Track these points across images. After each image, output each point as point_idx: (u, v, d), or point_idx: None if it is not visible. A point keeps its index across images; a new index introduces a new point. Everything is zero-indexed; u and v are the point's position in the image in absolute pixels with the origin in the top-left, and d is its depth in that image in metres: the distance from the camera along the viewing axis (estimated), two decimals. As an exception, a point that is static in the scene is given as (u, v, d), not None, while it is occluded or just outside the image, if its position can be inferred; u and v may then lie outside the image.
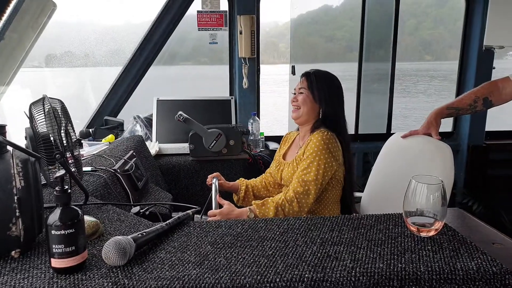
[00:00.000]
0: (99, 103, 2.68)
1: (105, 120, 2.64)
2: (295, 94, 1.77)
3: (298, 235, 1.00)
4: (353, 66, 3.11)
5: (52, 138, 1.23)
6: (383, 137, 2.08)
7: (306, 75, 1.75)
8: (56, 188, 0.84)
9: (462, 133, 3.15)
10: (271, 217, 1.55)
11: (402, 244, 0.93)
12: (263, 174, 1.97)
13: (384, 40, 3.12)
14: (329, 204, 1.74)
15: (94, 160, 1.79)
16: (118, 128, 2.57)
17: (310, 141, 1.63)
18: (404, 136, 1.93)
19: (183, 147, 2.47)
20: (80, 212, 0.86)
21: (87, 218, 1.05)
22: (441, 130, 3.22)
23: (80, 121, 2.68)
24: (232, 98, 2.68)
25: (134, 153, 2.00)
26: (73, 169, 1.29)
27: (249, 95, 2.77)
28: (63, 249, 0.82)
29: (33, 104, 1.25)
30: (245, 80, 2.70)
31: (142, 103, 2.90)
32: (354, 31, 3.06)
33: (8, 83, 1.60)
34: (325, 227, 1.04)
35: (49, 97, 1.26)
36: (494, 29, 2.37)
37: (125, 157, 1.87)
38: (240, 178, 1.95)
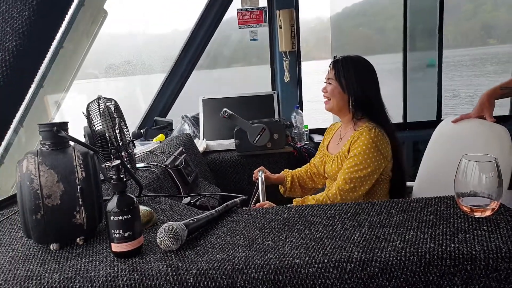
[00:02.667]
0: (148, 105, 2.81)
1: (155, 120, 2.76)
2: (325, 83, 1.73)
3: (346, 219, 1.00)
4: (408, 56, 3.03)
5: (107, 135, 1.32)
6: (433, 124, 2.00)
7: (334, 64, 1.69)
8: (113, 177, 0.90)
9: (521, 116, 2.94)
10: None
11: (455, 225, 0.90)
12: (308, 163, 1.97)
13: (432, 28, 3.00)
14: (377, 198, 1.69)
15: (146, 157, 1.89)
16: (167, 128, 2.68)
17: (357, 139, 1.58)
18: (455, 121, 1.84)
19: (229, 143, 2.52)
20: (135, 200, 0.92)
21: (141, 207, 1.12)
22: (496, 113, 3.04)
23: (132, 123, 2.82)
24: (274, 92, 2.70)
25: (183, 150, 2.08)
26: (128, 165, 1.37)
27: (291, 89, 2.78)
28: (122, 233, 0.88)
29: (90, 104, 1.35)
30: (286, 74, 2.71)
31: (191, 103, 2.99)
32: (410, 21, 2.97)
33: (67, 90, 1.73)
34: (373, 211, 1.03)
35: (104, 97, 1.35)
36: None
37: (175, 154, 1.95)
38: (285, 169, 1.96)
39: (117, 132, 1.35)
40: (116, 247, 0.89)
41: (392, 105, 2.96)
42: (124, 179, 0.91)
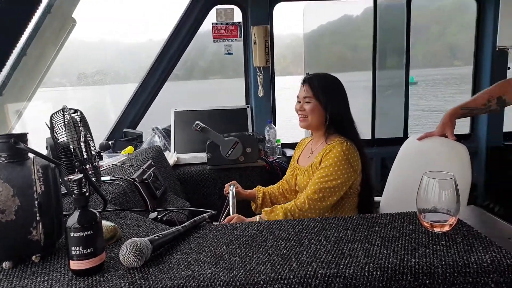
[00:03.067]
0: (118, 116, 2.75)
1: (124, 132, 2.71)
2: (299, 102, 1.74)
3: (313, 234, 1.01)
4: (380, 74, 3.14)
5: (71, 147, 1.28)
6: (400, 141, 2.06)
7: (309, 82, 1.71)
8: (75, 191, 0.87)
9: (480, 135, 3.09)
10: None
11: (416, 240, 0.92)
12: (280, 181, 1.98)
13: (400, 47, 3.13)
14: (345, 212, 1.72)
15: (113, 170, 1.84)
16: (137, 140, 2.63)
17: (329, 151, 1.62)
18: (420, 138, 1.91)
19: (201, 157, 2.50)
20: (98, 215, 0.89)
21: (105, 222, 1.09)
22: (458, 132, 3.18)
23: (101, 134, 2.76)
24: (248, 106, 2.72)
25: (152, 163, 2.04)
26: (92, 178, 1.34)
27: (265, 103, 2.80)
28: (82, 250, 0.85)
29: (54, 114, 1.31)
30: (260, 88, 2.73)
31: (163, 115, 2.96)
32: (380, 40, 3.07)
33: (29, 99, 1.67)
34: (339, 226, 1.04)
35: (69, 108, 1.31)
36: (507, 28, 2.33)
37: (144, 167, 1.92)
38: (258, 186, 1.96)
39: (82, 144, 1.32)
40: (75, 264, 0.85)
41: (364, 121, 3.05)
42: (87, 193, 0.88)
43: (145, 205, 1.71)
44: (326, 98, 1.68)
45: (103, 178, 1.67)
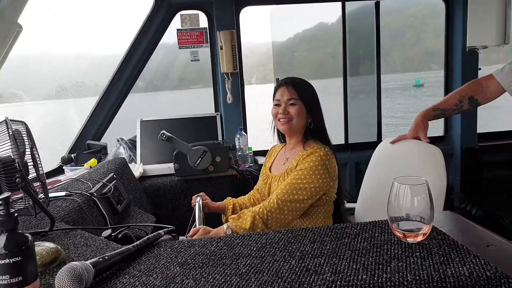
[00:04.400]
0: (80, 128, 2.61)
1: (87, 144, 2.56)
2: (278, 105, 1.65)
3: (277, 249, 0.92)
4: (359, 79, 3.10)
5: (17, 162, 1.16)
6: (374, 145, 2.02)
7: (293, 84, 1.64)
8: (0, 213, 0.76)
9: (454, 136, 3.09)
10: (248, 227, 1.46)
11: (388, 252, 0.85)
12: (251, 191, 1.89)
13: (371, 53, 3.12)
14: (320, 220, 1.65)
15: (71, 185, 1.72)
16: (101, 152, 2.50)
17: (307, 156, 1.56)
18: (393, 142, 1.88)
19: (169, 167, 2.39)
20: (29, 238, 0.78)
21: (47, 244, 0.97)
22: (432, 134, 3.18)
23: (64, 147, 2.61)
24: (217, 114, 2.62)
25: (114, 176, 1.92)
26: (40, 195, 1.21)
27: (234, 110, 2.72)
28: (9, 280, 0.74)
29: (-7, 127, 1.18)
30: (229, 95, 2.65)
31: (130, 126, 2.83)
32: (352, 46, 3.06)
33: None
34: (306, 239, 0.96)
35: (12, 119, 1.19)
36: (476, 29, 2.33)
37: (104, 180, 1.79)
38: (227, 198, 1.86)
39: (27, 159, 1.20)
40: (1, 296, 0.74)
41: (338, 126, 3.02)
42: (15, 214, 0.77)
43: (104, 221, 1.59)
44: (311, 101, 1.64)
45: (57, 194, 1.56)
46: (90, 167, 2.16)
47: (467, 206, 2.96)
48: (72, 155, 2.41)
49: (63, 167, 2.35)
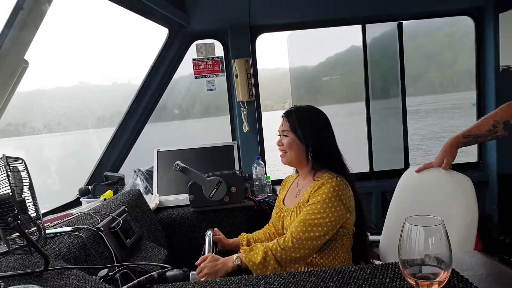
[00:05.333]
0: (97, 159, 2.63)
1: (105, 176, 2.57)
2: (280, 136, 1.63)
3: (274, 297, 0.83)
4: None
5: (15, 199, 1.13)
6: (400, 173, 1.88)
7: (287, 115, 1.60)
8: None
9: (489, 163, 2.87)
10: (258, 262, 1.38)
11: (399, 304, 0.74)
12: (267, 224, 1.81)
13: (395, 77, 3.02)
14: (338, 255, 1.53)
15: (80, 219, 1.69)
16: (118, 183, 2.49)
17: (318, 188, 1.47)
18: (418, 170, 1.76)
19: (185, 198, 2.34)
20: (1, 285, 0.73)
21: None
22: (466, 160, 2.96)
23: (81, 178, 2.63)
24: (234, 143, 2.58)
25: (126, 209, 1.88)
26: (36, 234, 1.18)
27: (250, 139, 2.66)
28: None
29: (-7, 163, 1.17)
30: (245, 124, 2.60)
31: (148, 156, 2.84)
32: (379, 69, 2.99)
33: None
34: (307, 285, 0.86)
35: (9, 156, 1.18)
36: (510, 47, 2.18)
37: (114, 214, 1.76)
38: (242, 233, 1.78)
39: (25, 196, 1.18)
40: None
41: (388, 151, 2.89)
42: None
43: (111, 257, 1.54)
44: (304, 131, 1.55)
45: (62, 230, 1.52)
46: (105, 199, 2.14)
47: (506, 238, 2.71)
48: (90, 187, 2.42)
49: (80, 199, 2.35)
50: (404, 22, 2.92)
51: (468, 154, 3.03)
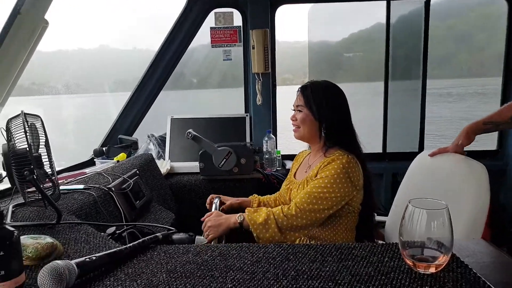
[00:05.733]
0: (112, 122, 2.67)
1: (119, 138, 2.61)
2: (294, 111, 1.62)
3: (271, 265, 0.85)
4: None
5: (30, 155, 1.17)
6: (414, 156, 1.86)
7: (302, 90, 1.58)
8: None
9: (508, 151, 2.80)
10: (259, 222, 1.42)
11: (394, 282, 0.75)
12: (278, 192, 1.83)
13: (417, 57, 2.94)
14: (341, 232, 1.55)
15: (92, 178, 1.74)
16: (131, 147, 2.53)
17: (328, 164, 1.47)
18: (432, 154, 1.72)
19: (196, 166, 2.36)
20: (15, 233, 0.77)
21: (45, 238, 0.97)
22: (484, 148, 2.89)
23: (95, 140, 2.68)
24: (247, 115, 2.57)
25: (137, 172, 1.93)
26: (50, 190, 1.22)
27: (263, 112, 2.65)
28: (-10, 273, 0.73)
29: (12, 119, 1.21)
30: (258, 96, 2.59)
31: (163, 122, 2.86)
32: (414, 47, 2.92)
33: (1, 104, 1.59)
34: (306, 258, 0.88)
35: (27, 113, 1.21)
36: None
37: (125, 176, 1.80)
38: (254, 195, 1.82)
39: (41, 152, 1.21)
40: (-18, 289, 0.73)
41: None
42: (0, 209, 0.76)
43: (120, 216, 1.59)
44: (319, 107, 1.53)
45: (76, 187, 1.58)
46: (118, 161, 2.19)
47: (518, 230, 2.68)
48: (104, 148, 2.47)
49: (94, 160, 2.41)
50: (433, 1, 2.80)
51: (489, 142, 2.97)
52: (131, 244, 0.94)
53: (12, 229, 0.78)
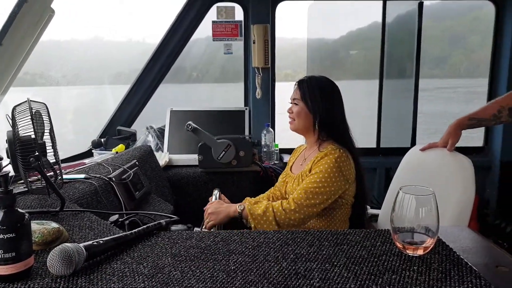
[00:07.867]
0: (111, 113, 2.69)
1: (118, 130, 2.64)
2: (291, 103, 1.67)
3: (272, 249, 0.90)
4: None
5: (35, 141, 1.20)
6: (406, 151, 1.92)
7: (299, 84, 1.64)
8: (-1, 189, 0.78)
9: (494, 148, 2.88)
10: (258, 214, 1.48)
11: (385, 263, 0.80)
12: (272, 188, 1.87)
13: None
14: (335, 223, 1.61)
15: (92, 168, 1.77)
16: (130, 138, 2.56)
17: (321, 159, 1.54)
18: (423, 149, 1.79)
19: (194, 158, 2.40)
20: (26, 216, 0.81)
21: (52, 224, 1.00)
22: (470, 144, 2.97)
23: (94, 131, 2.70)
24: (246, 108, 2.61)
25: (136, 163, 1.96)
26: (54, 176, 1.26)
27: (262, 106, 2.70)
28: (2, 255, 0.76)
29: (17, 107, 1.24)
30: (258, 90, 2.63)
31: (162, 115, 2.89)
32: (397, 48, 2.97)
33: (4, 92, 1.61)
34: (304, 242, 0.93)
35: (33, 100, 1.24)
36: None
37: (125, 166, 1.84)
38: (246, 198, 1.86)
39: (46, 139, 1.25)
40: (-5, 269, 0.77)
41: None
42: (13, 192, 0.80)
43: (120, 206, 1.63)
44: (313, 101, 1.59)
45: (77, 176, 1.61)
46: (117, 152, 2.22)
47: (501, 223, 2.76)
48: (102, 140, 2.50)
49: (92, 151, 2.43)
50: (427, 3, 2.86)
51: (475, 138, 3.04)
52: (135, 230, 0.98)
53: (23, 211, 0.81)
